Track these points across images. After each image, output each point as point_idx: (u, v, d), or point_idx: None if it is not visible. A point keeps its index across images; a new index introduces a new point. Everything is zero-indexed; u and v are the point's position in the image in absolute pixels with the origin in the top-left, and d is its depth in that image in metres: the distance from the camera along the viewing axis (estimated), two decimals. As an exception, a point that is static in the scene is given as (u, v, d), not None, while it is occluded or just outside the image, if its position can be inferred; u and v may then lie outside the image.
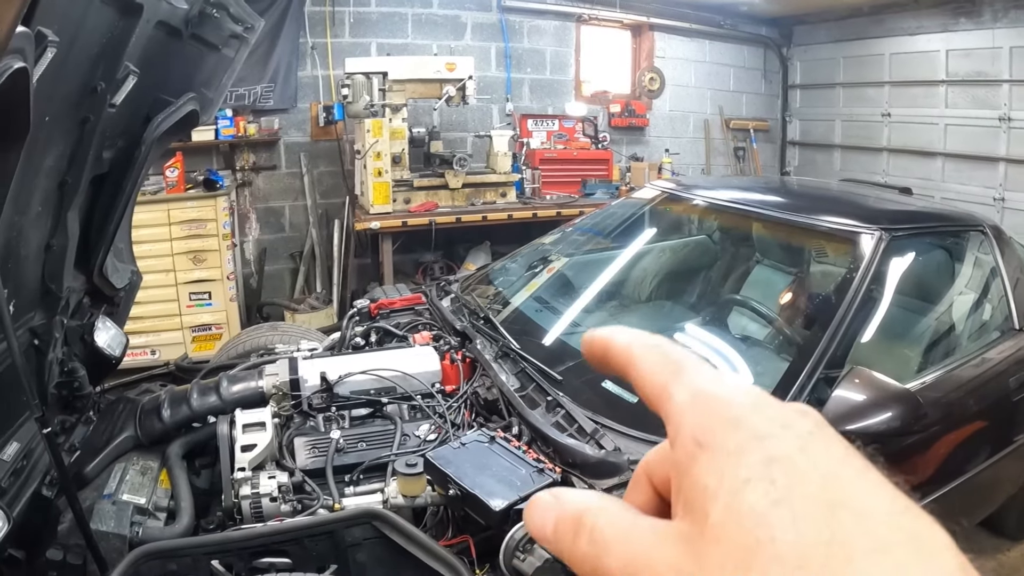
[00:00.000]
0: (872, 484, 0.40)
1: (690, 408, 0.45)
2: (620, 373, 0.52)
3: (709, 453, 0.43)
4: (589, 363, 0.56)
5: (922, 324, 3.75)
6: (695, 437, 0.44)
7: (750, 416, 0.44)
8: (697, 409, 0.45)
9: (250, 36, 3.30)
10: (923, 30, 8.87)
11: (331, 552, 2.57)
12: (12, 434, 2.67)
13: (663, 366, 0.49)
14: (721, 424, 0.43)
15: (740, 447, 0.42)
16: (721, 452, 0.42)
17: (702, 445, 0.43)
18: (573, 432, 2.83)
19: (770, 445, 0.42)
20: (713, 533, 0.40)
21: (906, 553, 0.37)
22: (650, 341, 0.52)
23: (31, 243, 2.60)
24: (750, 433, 0.42)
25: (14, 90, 1.47)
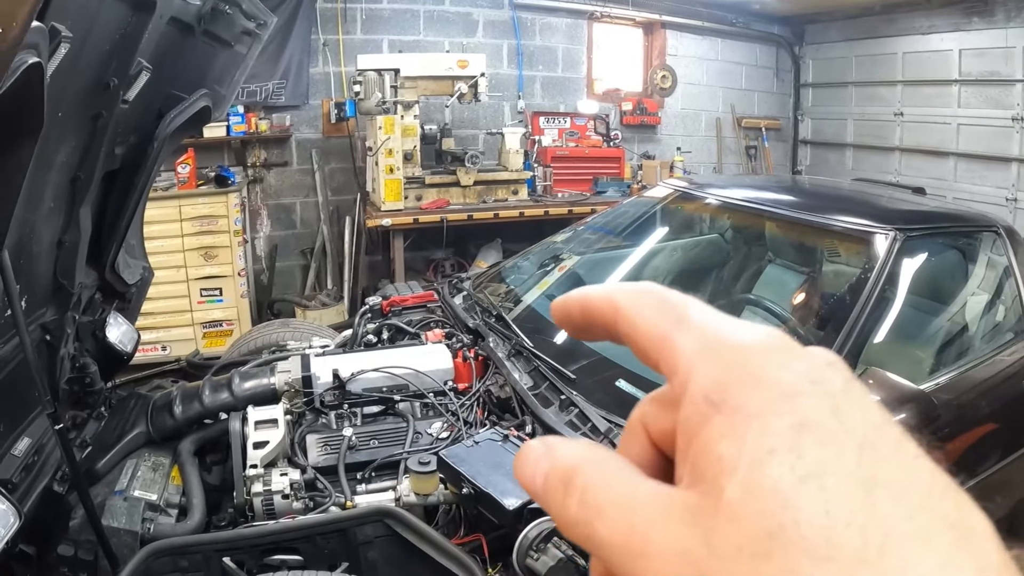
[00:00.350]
0: (911, 459, 0.35)
1: (701, 359, 0.39)
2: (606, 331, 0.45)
3: (725, 415, 0.36)
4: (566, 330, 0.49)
5: (935, 325, 3.73)
6: (707, 395, 0.37)
7: (775, 369, 0.37)
8: (710, 360, 0.39)
9: (262, 32, 3.30)
10: (936, 29, 8.84)
11: (343, 550, 2.57)
12: (23, 430, 2.67)
13: (662, 313, 0.42)
14: (740, 379, 0.37)
15: (764, 408, 0.36)
16: (740, 414, 0.36)
17: (716, 404, 0.37)
18: (587, 431, 2.82)
19: (800, 406, 0.36)
20: (729, 512, 0.35)
21: (948, 542, 0.33)
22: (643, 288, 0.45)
23: (43, 239, 2.60)
24: (776, 391, 0.36)
25: (28, 85, 1.47)
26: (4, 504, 2.17)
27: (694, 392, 0.38)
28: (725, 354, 0.38)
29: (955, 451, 3.27)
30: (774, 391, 0.36)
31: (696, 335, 0.40)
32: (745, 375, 0.37)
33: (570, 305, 0.47)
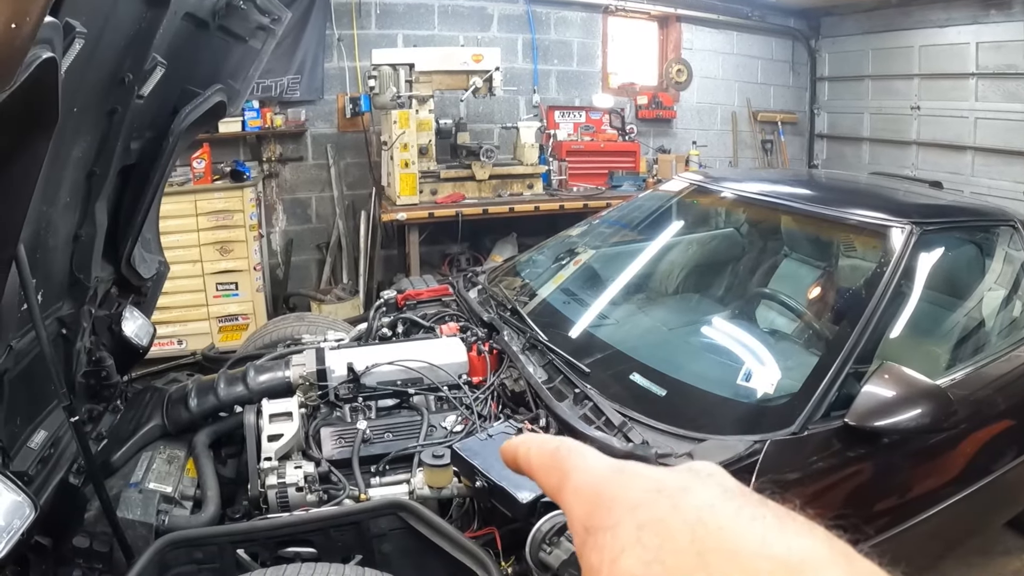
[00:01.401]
0: (747, 518, 0.44)
1: (575, 499, 0.52)
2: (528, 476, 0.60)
3: (593, 535, 0.48)
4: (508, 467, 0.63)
5: (951, 320, 3.71)
6: (583, 524, 0.50)
7: (624, 492, 0.49)
8: (581, 500, 0.51)
9: (277, 28, 3.31)
10: (953, 22, 8.78)
11: (356, 542, 2.58)
12: (40, 422, 2.69)
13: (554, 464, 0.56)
14: (600, 506, 0.49)
15: (616, 521, 0.47)
16: (601, 531, 0.47)
17: (588, 529, 0.49)
18: (601, 425, 2.81)
19: (641, 512, 0.46)
20: None
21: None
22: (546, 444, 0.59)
23: (59, 233, 2.62)
24: (624, 506, 0.48)
25: (43, 81, 1.47)
26: (21, 496, 2.18)
27: (576, 526, 0.51)
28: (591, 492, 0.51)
29: (970, 449, 3.26)
30: (623, 506, 0.48)
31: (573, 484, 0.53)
32: (602, 501, 0.49)
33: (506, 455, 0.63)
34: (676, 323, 3.96)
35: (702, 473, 0.50)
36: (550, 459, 0.57)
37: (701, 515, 0.44)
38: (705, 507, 0.45)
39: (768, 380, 3.05)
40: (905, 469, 3.02)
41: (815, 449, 2.72)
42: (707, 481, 0.49)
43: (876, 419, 2.67)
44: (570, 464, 0.55)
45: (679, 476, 0.49)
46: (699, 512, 0.45)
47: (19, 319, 2.38)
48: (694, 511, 0.45)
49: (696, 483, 0.48)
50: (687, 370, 3.17)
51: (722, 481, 0.49)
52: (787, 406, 2.81)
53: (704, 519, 0.44)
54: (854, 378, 2.86)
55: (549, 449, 0.58)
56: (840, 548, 0.43)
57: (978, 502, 3.29)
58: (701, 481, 0.49)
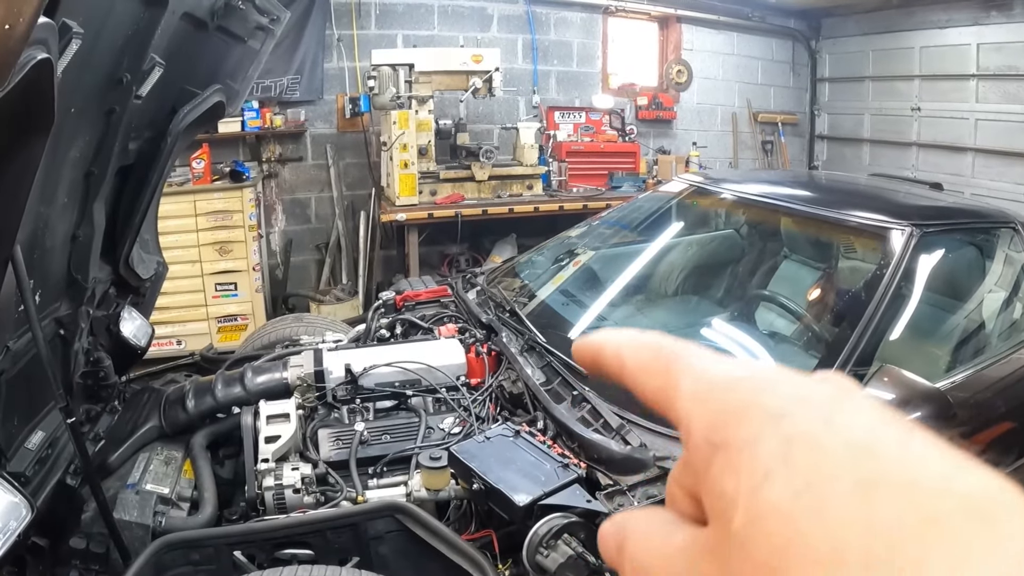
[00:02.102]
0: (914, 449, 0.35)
1: (695, 405, 0.41)
2: (616, 379, 0.48)
3: (723, 451, 0.38)
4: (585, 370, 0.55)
5: (951, 322, 3.70)
6: (706, 437, 0.40)
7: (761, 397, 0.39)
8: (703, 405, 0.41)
9: (276, 28, 3.31)
10: (954, 23, 8.78)
11: (353, 544, 2.58)
12: (37, 423, 2.69)
13: (659, 365, 0.45)
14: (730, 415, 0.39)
15: (755, 436, 0.37)
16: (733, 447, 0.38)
17: (715, 444, 0.39)
18: (599, 427, 2.80)
19: (786, 425, 0.37)
20: (738, 541, 0.36)
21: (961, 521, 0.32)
22: (642, 339, 0.48)
23: (57, 234, 2.61)
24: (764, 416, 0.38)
25: (38, 81, 1.47)
26: (17, 497, 2.18)
27: (696, 438, 0.40)
28: (717, 395, 0.40)
29: (969, 452, 3.24)
30: (761, 417, 0.37)
31: (689, 386, 0.42)
32: (736, 410, 0.39)
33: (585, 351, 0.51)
34: (676, 325, 3.96)
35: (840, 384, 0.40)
36: (652, 358, 0.46)
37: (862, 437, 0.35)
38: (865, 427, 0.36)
39: (768, 382, 3.04)
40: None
41: (814, 452, 2.71)
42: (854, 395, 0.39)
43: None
44: (682, 363, 0.44)
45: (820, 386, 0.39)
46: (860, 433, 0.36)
47: (16, 320, 2.37)
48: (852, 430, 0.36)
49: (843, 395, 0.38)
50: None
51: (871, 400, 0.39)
52: (786, 408, 2.80)
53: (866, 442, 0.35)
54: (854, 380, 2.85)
55: (650, 345, 0.47)
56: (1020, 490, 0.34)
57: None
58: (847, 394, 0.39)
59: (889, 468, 0.34)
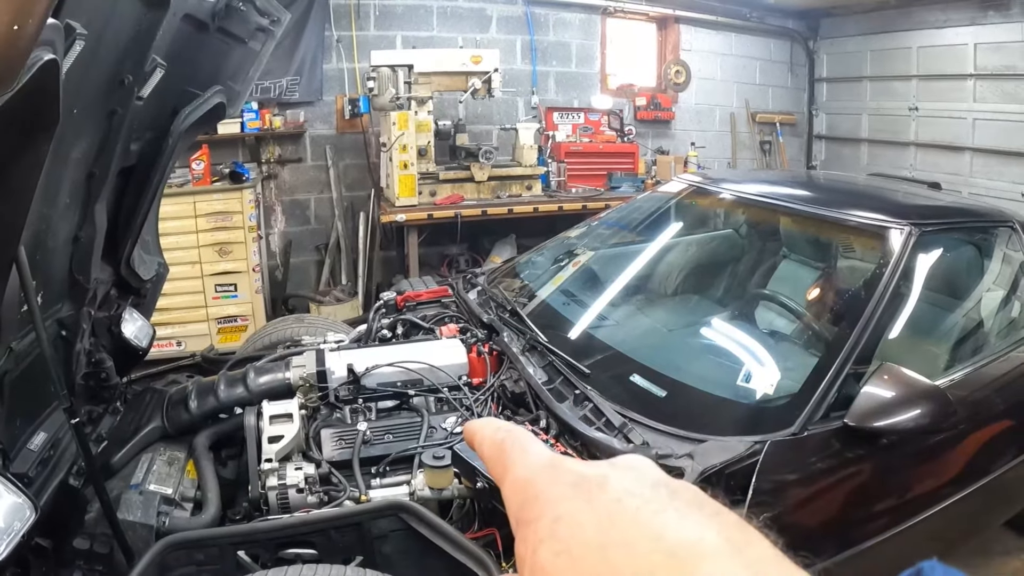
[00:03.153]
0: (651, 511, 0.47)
1: (511, 493, 0.55)
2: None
3: (522, 527, 0.51)
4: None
5: (950, 321, 3.71)
6: (515, 516, 0.53)
7: (547, 486, 0.52)
8: (514, 492, 0.54)
9: (276, 29, 3.31)
10: (951, 23, 8.80)
11: (357, 544, 2.58)
12: (39, 424, 2.69)
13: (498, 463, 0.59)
14: (528, 500, 0.52)
15: (538, 515, 0.50)
16: (526, 524, 0.50)
17: (519, 521, 0.52)
18: (601, 426, 2.81)
19: (558, 505, 0.49)
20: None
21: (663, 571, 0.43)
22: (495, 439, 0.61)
23: (59, 235, 2.61)
24: (546, 500, 0.51)
25: (44, 82, 1.47)
26: (21, 498, 2.18)
27: (511, 518, 0.53)
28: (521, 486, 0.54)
29: (968, 449, 3.26)
30: (545, 500, 0.50)
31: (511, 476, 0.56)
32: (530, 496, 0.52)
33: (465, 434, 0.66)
34: (676, 324, 3.97)
35: (622, 466, 0.53)
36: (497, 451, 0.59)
37: (609, 509, 0.48)
38: (614, 501, 0.48)
39: (768, 381, 3.05)
40: (904, 470, 3.02)
41: (815, 450, 2.72)
42: (626, 475, 0.52)
43: (875, 420, 2.67)
44: (511, 458, 0.57)
45: (599, 470, 0.52)
46: (608, 506, 0.48)
47: (19, 320, 2.37)
48: (604, 505, 0.48)
49: (613, 476, 0.51)
50: (687, 371, 3.17)
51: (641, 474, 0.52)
52: (787, 407, 2.81)
53: (611, 513, 0.47)
54: (853, 379, 2.87)
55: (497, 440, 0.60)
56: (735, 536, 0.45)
57: (977, 502, 3.29)
58: (620, 474, 0.52)
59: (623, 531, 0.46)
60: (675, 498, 0.49)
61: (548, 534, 0.48)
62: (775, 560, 0.45)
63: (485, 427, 0.63)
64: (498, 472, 0.58)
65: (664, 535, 0.45)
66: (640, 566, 0.43)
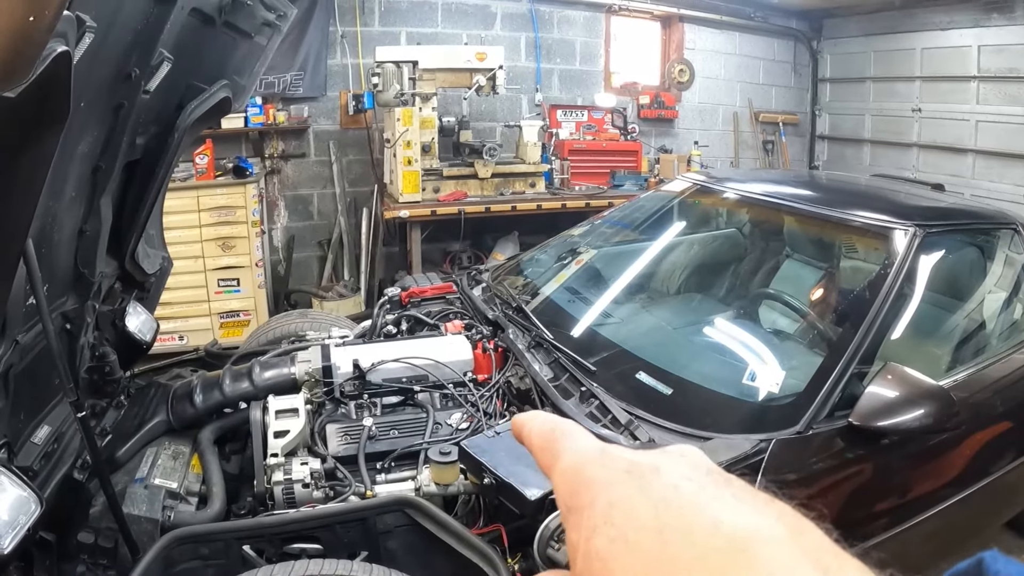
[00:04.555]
0: (706, 499, 0.47)
1: (560, 480, 0.54)
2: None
3: (574, 513, 0.51)
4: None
5: (952, 322, 3.71)
6: (565, 503, 0.52)
7: (599, 471, 0.51)
8: (564, 479, 0.54)
9: (282, 24, 3.30)
10: (955, 25, 8.79)
11: (362, 539, 2.58)
12: (43, 418, 2.69)
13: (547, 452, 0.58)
14: (580, 485, 0.52)
15: (591, 500, 0.50)
16: (578, 510, 0.50)
17: (569, 508, 0.52)
18: (607, 423, 2.82)
19: (612, 490, 0.49)
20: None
21: (721, 556, 0.43)
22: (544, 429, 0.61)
23: (65, 228, 2.61)
24: (599, 486, 0.50)
25: (56, 74, 1.47)
26: (26, 491, 2.18)
27: (560, 505, 0.53)
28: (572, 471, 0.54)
29: (969, 450, 3.26)
30: (598, 486, 0.50)
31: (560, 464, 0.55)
32: (582, 481, 0.52)
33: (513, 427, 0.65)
34: (680, 323, 3.96)
35: (674, 453, 0.53)
36: (546, 440, 0.59)
37: (665, 494, 0.47)
38: (670, 487, 0.48)
39: (773, 380, 3.06)
40: (906, 470, 3.02)
41: (819, 448, 2.73)
42: (678, 461, 0.52)
43: (880, 419, 2.68)
44: (560, 446, 0.57)
45: (652, 457, 0.52)
46: (664, 491, 0.48)
47: (24, 314, 2.37)
48: (660, 490, 0.48)
49: (666, 463, 0.51)
50: (692, 369, 3.18)
51: (693, 461, 0.52)
52: (792, 406, 2.82)
53: (667, 498, 0.47)
54: (857, 379, 2.87)
55: (546, 430, 0.60)
56: (792, 524, 0.45)
57: (978, 503, 3.29)
58: (673, 461, 0.52)
59: (680, 517, 0.45)
60: (729, 485, 0.49)
61: (602, 520, 0.47)
62: (831, 549, 0.45)
63: (534, 419, 0.63)
64: (547, 462, 0.58)
65: (722, 521, 0.45)
66: (699, 551, 0.43)
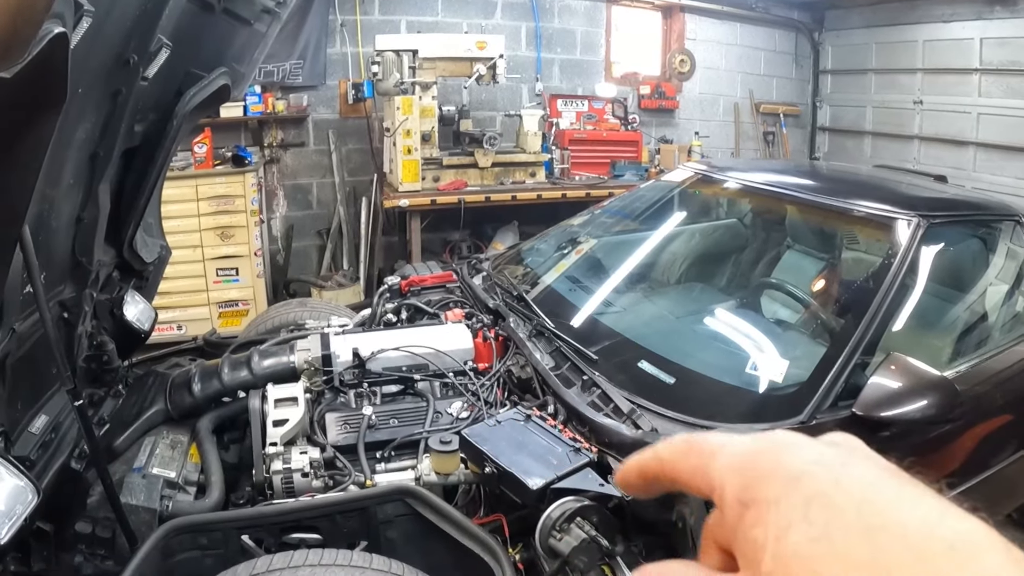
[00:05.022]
0: (909, 499, 0.43)
1: (728, 473, 0.50)
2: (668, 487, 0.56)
3: (753, 508, 0.46)
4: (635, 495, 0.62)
5: (954, 314, 3.70)
6: (738, 498, 0.48)
7: (782, 461, 0.47)
8: (734, 472, 0.49)
9: (282, 11, 3.29)
10: (957, 17, 8.77)
11: (362, 528, 2.58)
12: (40, 407, 2.68)
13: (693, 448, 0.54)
14: (758, 478, 0.47)
15: (778, 494, 0.45)
16: (763, 504, 0.46)
17: (745, 503, 0.47)
18: (609, 412, 2.81)
19: (805, 484, 0.45)
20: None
21: (944, 562, 0.39)
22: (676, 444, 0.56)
23: (62, 215, 2.60)
24: (785, 478, 0.46)
25: (53, 56, 1.45)
26: (23, 481, 2.17)
27: (729, 499, 0.49)
28: (746, 462, 0.49)
29: (971, 442, 3.25)
30: (784, 478, 0.46)
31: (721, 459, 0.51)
32: (762, 473, 0.48)
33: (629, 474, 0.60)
34: (682, 312, 3.95)
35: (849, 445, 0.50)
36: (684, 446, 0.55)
37: (865, 492, 0.44)
38: (868, 484, 0.45)
39: (776, 369, 3.05)
40: (907, 461, 3.01)
41: (823, 439, 2.72)
42: (860, 455, 0.49)
43: (883, 409, 2.67)
44: (711, 445, 0.53)
45: (832, 449, 0.49)
46: (863, 489, 0.44)
47: (21, 302, 2.36)
48: (859, 486, 0.44)
49: (851, 456, 0.48)
50: (695, 358, 3.17)
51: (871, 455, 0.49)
52: (795, 395, 2.82)
53: (869, 496, 0.43)
54: (860, 369, 2.86)
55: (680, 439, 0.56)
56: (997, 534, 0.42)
57: (978, 495, 3.27)
58: (855, 455, 0.48)
59: (887, 517, 0.42)
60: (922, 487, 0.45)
61: (799, 517, 0.44)
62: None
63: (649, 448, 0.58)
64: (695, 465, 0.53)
65: (935, 523, 0.41)
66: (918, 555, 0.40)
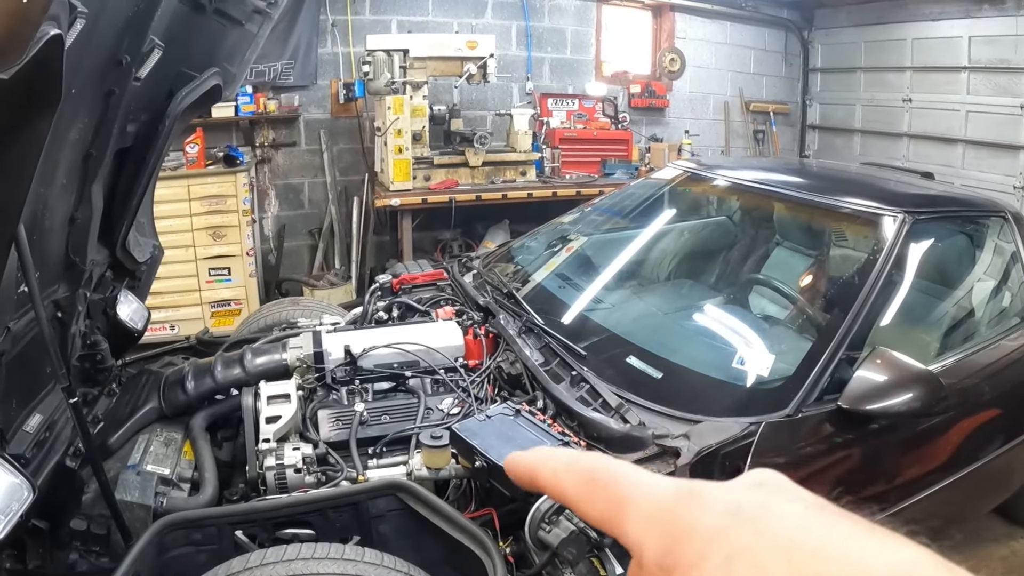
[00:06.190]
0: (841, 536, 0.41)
1: (646, 533, 0.46)
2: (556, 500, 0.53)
3: (676, 573, 0.43)
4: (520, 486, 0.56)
5: (941, 309, 3.73)
6: (658, 563, 0.45)
7: (700, 517, 0.44)
8: (652, 532, 0.46)
9: (273, 12, 3.29)
10: (946, 15, 8.80)
11: (354, 523, 2.59)
12: (35, 406, 2.69)
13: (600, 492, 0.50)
14: (677, 538, 0.44)
15: (699, 556, 0.43)
16: (682, 568, 0.43)
17: (666, 568, 0.44)
18: (598, 406, 2.84)
19: (725, 540, 0.42)
20: None
21: None
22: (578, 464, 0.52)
23: (56, 215, 2.61)
24: (704, 537, 0.43)
25: (48, 57, 1.47)
26: (19, 478, 2.19)
27: (648, 564, 0.45)
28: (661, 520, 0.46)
29: (957, 436, 3.29)
30: (703, 537, 0.43)
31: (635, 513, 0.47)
32: (680, 531, 0.44)
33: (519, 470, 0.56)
34: (671, 308, 3.98)
35: (771, 485, 0.47)
36: (590, 484, 0.50)
37: (793, 536, 0.41)
38: (795, 526, 0.42)
39: (762, 364, 3.08)
40: (894, 455, 3.05)
41: (809, 432, 2.76)
42: (782, 496, 0.45)
43: (868, 403, 2.70)
44: (622, 492, 0.48)
45: (752, 494, 0.45)
46: (790, 533, 0.42)
47: (16, 301, 2.37)
48: (783, 533, 0.42)
49: (772, 499, 0.45)
50: (682, 353, 3.20)
51: (795, 493, 0.46)
52: (781, 389, 2.84)
53: (798, 541, 0.41)
54: (846, 363, 2.89)
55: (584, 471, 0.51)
56: (938, 557, 0.41)
57: (966, 489, 3.32)
58: (776, 496, 0.45)
59: (819, 560, 0.39)
60: (850, 518, 0.43)
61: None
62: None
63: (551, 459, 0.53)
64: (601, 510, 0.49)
65: (872, 559, 0.39)
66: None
